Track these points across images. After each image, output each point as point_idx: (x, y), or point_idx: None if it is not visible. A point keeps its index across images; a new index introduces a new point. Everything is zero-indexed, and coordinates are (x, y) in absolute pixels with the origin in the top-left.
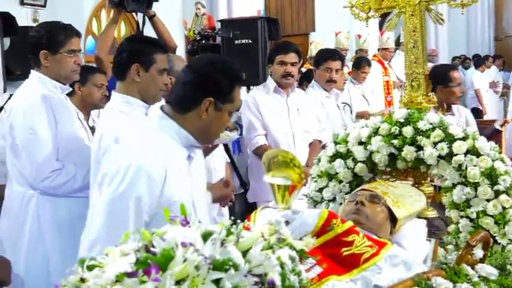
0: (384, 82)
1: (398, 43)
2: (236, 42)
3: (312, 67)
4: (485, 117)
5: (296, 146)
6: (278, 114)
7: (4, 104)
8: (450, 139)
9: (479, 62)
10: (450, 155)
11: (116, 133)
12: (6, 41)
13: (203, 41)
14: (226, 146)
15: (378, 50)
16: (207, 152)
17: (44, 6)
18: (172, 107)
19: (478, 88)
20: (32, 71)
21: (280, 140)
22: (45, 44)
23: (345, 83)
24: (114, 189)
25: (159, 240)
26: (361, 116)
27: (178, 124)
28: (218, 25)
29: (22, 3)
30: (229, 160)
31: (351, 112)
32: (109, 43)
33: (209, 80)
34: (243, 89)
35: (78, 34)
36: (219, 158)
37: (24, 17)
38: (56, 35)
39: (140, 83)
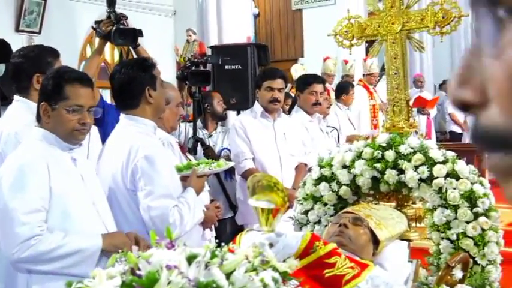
0: (370, 106)
1: (383, 68)
2: (226, 67)
3: None
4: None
5: (283, 169)
6: (265, 138)
7: None
8: (430, 162)
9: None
10: (431, 178)
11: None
12: (1, 67)
13: (193, 67)
14: None
15: (363, 75)
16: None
17: (39, 33)
18: (37, 121)
19: (451, 112)
20: (15, 96)
21: (267, 164)
22: (34, 68)
23: (328, 107)
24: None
25: (145, 263)
26: (351, 139)
27: (44, 129)
28: (209, 51)
29: (17, 30)
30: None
31: (338, 136)
32: (91, 73)
33: (40, 88)
34: (233, 113)
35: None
36: None
37: (19, 44)
38: (43, 57)
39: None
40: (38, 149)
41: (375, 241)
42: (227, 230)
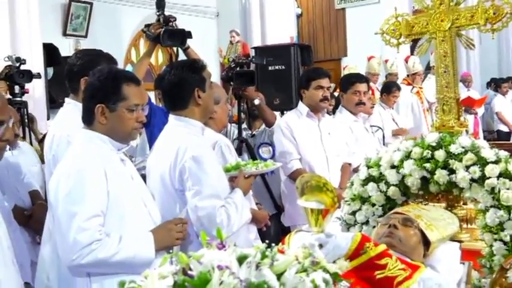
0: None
1: (428, 67)
2: (270, 68)
3: None
4: None
5: (330, 169)
6: (311, 138)
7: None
8: (482, 162)
9: (498, 84)
10: (483, 178)
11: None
12: (50, 70)
13: (237, 68)
14: None
15: (407, 75)
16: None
17: (86, 36)
18: (84, 123)
19: (498, 111)
20: (66, 99)
21: (314, 164)
22: (82, 70)
23: (372, 107)
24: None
25: (196, 263)
26: (398, 133)
27: (93, 131)
28: (252, 52)
29: (65, 34)
30: None
31: (384, 136)
32: (142, 74)
33: (92, 89)
34: (277, 113)
35: None
36: None
37: (66, 48)
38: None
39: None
40: (92, 152)
41: (426, 242)
42: (271, 229)
